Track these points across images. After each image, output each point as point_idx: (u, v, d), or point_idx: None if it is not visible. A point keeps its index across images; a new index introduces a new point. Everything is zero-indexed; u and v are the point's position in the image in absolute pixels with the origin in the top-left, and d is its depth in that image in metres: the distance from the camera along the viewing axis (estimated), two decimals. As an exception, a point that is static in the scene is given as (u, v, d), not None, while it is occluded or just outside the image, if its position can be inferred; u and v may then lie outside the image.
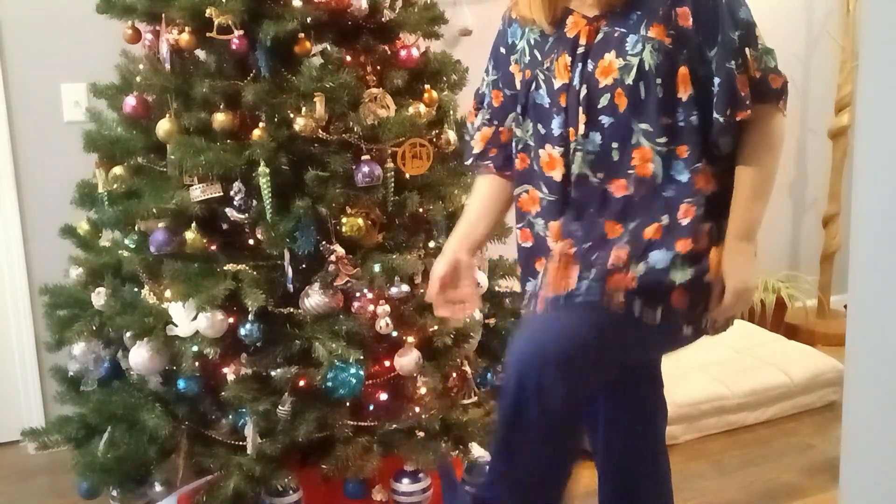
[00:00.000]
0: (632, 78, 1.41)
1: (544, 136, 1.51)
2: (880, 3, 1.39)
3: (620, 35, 1.43)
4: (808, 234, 4.09)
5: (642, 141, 1.43)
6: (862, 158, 1.49)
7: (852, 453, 1.57)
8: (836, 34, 3.80)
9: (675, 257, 1.43)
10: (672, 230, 1.43)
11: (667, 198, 1.45)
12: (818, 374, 3.04)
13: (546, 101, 1.50)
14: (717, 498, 2.48)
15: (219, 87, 1.85)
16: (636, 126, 1.43)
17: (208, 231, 1.89)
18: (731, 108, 1.43)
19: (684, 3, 1.42)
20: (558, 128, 1.49)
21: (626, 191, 1.46)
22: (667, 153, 1.44)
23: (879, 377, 1.46)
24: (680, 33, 1.41)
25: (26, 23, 2.63)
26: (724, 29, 1.41)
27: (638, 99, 1.42)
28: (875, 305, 1.46)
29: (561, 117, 1.48)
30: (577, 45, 1.46)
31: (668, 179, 1.45)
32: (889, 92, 1.39)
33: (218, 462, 1.88)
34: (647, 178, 1.45)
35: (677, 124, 1.43)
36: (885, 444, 1.45)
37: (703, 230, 1.45)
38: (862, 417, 1.52)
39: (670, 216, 1.44)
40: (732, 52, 1.42)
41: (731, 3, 1.44)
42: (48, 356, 2.30)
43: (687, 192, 1.44)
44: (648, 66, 1.40)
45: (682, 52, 1.41)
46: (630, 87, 1.42)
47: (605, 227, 1.46)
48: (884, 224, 1.42)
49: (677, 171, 1.45)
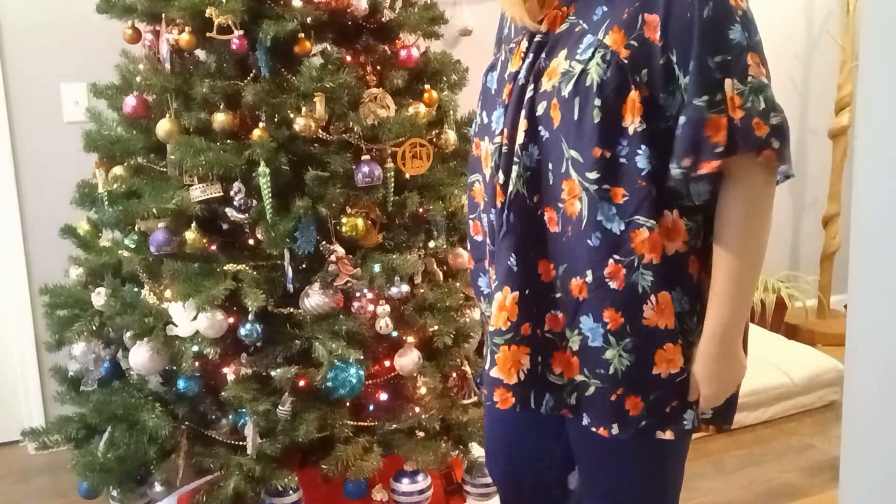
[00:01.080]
0: (567, 90, 1.13)
1: (485, 126, 1.29)
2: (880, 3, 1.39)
3: (581, 31, 1.17)
4: (808, 234, 4.09)
5: (571, 171, 1.15)
6: (862, 158, 1.49)
7: (852, 453, 1.57)
8: (836, 34, 3.80)
9: (605, 333, 1.17)
10: (598, 291, 1.16)
11: (591, 248, 1.16)
12: (818, 374, 3.04)
13: (494, 86, 1.29)
14: (717, 498, 2.48)
15: (219, 87, 1.85)
16: (566, 151, 1.15)
17: (208, 231, 1.89)
18: (694, 157, 1.10)
19: (654, 10, 1.10)
20: (497, 123, 1.25)
21: (557, 227, 1.19)
22: (596, 193, 1.13)
23: (879, 377, 1.46)
24: (643, 47, 1.10)
25: (26, 23, 2.63)
26: (701, 52, 1.08)
27: (570, 118, 1.13)
28: (875, 305, 1.46)
29: (500, 111, 1.24)
30: (537, 31, 1.21)
31: (593, 226, 1.15)
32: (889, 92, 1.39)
33: (218, 462, 1.88)
34: (573, 219, 1.16)
35: (617, 160, 1.12)
36: (885, 444, 1.45)
37: (652, 306, 1.15)
38: (862, 417, 1.52)
39: (593, 273, 1.16)
40: (708, 83, 1.08)
41: (717, 18, 1.08)
42: (48, 356, 2.29)
43: (615, 247, 1.14)
44: (590, 81, 1.11)
45: (640, 72, 1.10)
46: (564, 100, 1.14)
47: (540, 267, 1.21)
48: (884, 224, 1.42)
49: (607, 217, 1.14)
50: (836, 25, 3.83)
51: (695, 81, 1.09)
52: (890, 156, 1.40)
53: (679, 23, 1.09)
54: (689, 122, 1.10)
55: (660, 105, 1.12)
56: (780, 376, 2.99)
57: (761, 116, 1.09)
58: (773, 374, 3.00)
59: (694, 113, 1.09)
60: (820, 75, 3.95)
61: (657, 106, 1.12)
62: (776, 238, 4.05)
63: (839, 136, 3.77)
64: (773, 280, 3.77)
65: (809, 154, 4.04)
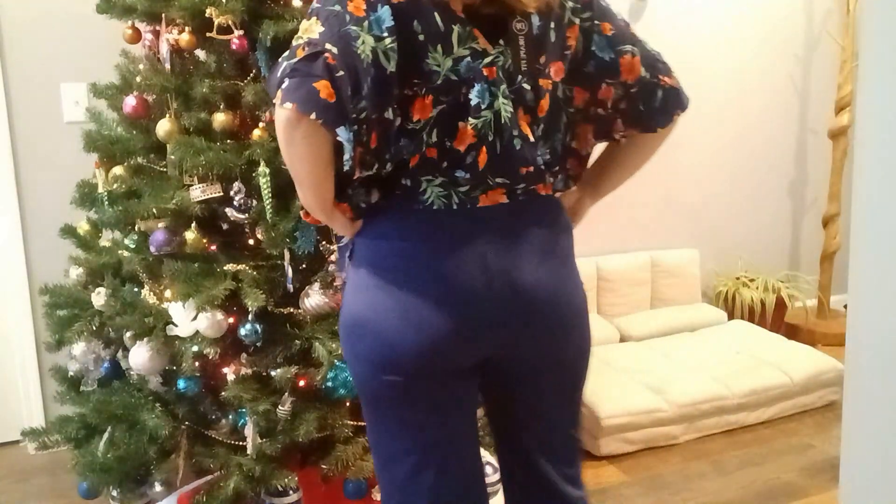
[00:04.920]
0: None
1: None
2: (880, 3, 1.39)
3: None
4: (808, 234, 4.10)
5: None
6: (862, 158, 1.49)
7: (852, 453, 1.57)
8: (836, 34, 3.80)
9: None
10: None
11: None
12: (818, 374, 3.04)
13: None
14: (717, 498, 2.48)
15: (219, 87, 1.85)
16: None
17: (208, 231, 1.89)
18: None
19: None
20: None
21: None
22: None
23: (879, 377, 1.46)
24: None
25: (26, 23, 2.63)
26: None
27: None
28: (875, 305, 1.46)
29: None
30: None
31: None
32: (889, 92, 1.40)
33: (218, 462, 1.88)
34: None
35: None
36: (885, 444, 1.46)
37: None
38: (862, 417, 1.52)
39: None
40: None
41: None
42: (48, 356, 2.30)
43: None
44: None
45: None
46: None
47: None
48: (884, 224, 1.42)
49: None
50: (836, 25, 3.83)
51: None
52: (890, 156, 1.41)
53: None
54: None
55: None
56: (780, 376, 2.99)
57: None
58: (773, 374, 3.00)
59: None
60: (820, 75, 3.95)
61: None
62: (776, 238, 4.05)
63: (839, 136, 3.77)
64: (773, 280, 3.77)
65: (809, 154, 4.04)
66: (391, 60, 1.16)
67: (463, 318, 1.24)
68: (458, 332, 1.25)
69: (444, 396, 1.32)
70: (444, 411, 1.33)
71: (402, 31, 1.17)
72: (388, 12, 1.15)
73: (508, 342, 1.30)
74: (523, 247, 1.27)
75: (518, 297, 1.26)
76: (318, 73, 1.10)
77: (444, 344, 1.25)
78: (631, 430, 2.72)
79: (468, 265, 1.24)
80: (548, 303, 1.29)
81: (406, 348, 1.25)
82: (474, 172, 1.24)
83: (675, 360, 3.13)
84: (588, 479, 2.60)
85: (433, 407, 1.32)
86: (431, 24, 1.19)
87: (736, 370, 3.01)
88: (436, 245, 1.24)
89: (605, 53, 1.30)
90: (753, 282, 3.78)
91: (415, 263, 1.25)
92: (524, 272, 1.26)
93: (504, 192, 1.27)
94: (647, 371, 3.00)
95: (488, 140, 1.23)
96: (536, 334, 1.31)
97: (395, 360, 1.26)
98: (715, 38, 3.68)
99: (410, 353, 1.25)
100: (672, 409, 2.78)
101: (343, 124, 1.13)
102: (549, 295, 1.29)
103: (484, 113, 1.22)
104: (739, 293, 3.72)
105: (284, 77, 1.12)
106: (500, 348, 1.31)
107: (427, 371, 1.27)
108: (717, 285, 3.83)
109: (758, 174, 3.94)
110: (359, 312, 1.28)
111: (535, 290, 1.28)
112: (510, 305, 1.26)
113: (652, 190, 3.68)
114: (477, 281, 1.24)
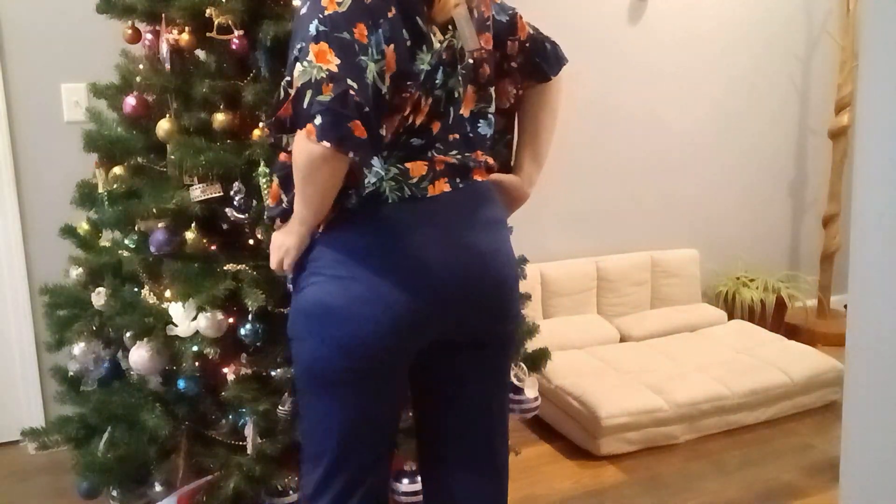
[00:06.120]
0: None
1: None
2: (880, 3, 1.39)
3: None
4: (808, 234, 4.10)
5: None
6: (862, 158, 1.49)
7: (852, 453, 1.57)
8: (836, 34, 3.80)
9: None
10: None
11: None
12: (818, 374, 3.05)
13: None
14: (717, 498, 2.49)
15: (219, 87, 1.85)
16: None
17: (208, 231, 1.89)
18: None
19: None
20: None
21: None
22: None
23: (879, 377, 1.46)
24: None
25: (26, 23, 2.63)
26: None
27: None
28: (875, 305, 1.46)
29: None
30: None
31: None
32: (889, 92, 1.40)
33: (218, 462, 1.88)
34: None
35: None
36: (885, 444, 1.46)
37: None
38: (862, 417, 1.52)
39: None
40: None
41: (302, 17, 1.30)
42: (48, 356, 2.29)
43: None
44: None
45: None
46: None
47: None
48: (884, 224, 1.42)
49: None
50: (836, 25, 3.84)
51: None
52: (890, 156, 1.41)
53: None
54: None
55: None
56: (780, 376, 2.99)
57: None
58: (773, 374, 3.00)
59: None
60: (820, 75, 3.95)
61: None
62: (776, 238, 4.05)
63: (839, 136, 3.77)
64: (773, 280, 3.77)
65: (809, 154, 4.04)
66: (385, 81, 1.28)
67: (428, 295, 1.38)
68: (425, 309, 1.38)
69: (393, 379, 1.47)
70: (387, 393, 1.48)
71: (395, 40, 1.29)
72: (386, 28, 1.27)
73: (468, 315, 1.44)
74: (470, 222, 1.44)
75: (477, 262, 1.42)
76: (351, 113, 1.23)
77: (411, 323, 1.38)
78: (631, 430, 2.72)
79: (429, 247, 1.38)
80: (498, 260, 1.46)
81: (376, 332, 1.36)
82: (429, 138, 1.40)
83: (675, 360, 3.13)
84: (588, 479, 2.61)
85: (379, 389, 1.45)
86: (416, 28, 1.33)
87: (736, 370, 3.01)
88: (395, 233, 1.37)
89: (502, 16, 1.54)
90: (753, 282, 3.78)
91: (379, 252, 1.37)
92: (478, 241, 1.43)
93: (446, 180, 1.41)
94: (647, 371, 3.00)
95: (439, 111, 1.40)
96: (492, 301, 1.47)
97: (364, 345, 1.37)
98: (715, 38, 3.67)
99: (381, 336, 1.36)
100: (672, 409, 2.78)
101: (376, 155, 1.33)
102: (501, 253, 1.48)
103: (437, 92, 1.38)
104: (739, 293, 3.72)
105: (316, 114, 1.22)
106: (458, 322, 1.44)
107: (390, 353, 1.40)
108: (717, 285, 3.83)
109: (758, 174, 3.94)
110: (329, 300, 1.38)
111: (488, 254, 1.45)
112: (470, 272, 1.41)
113: (652, 190, 3.69)
114: (438, 259, 1.38)
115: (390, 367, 1.44)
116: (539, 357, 2.22)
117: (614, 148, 3.57)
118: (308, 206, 1.36)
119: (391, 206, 1.38)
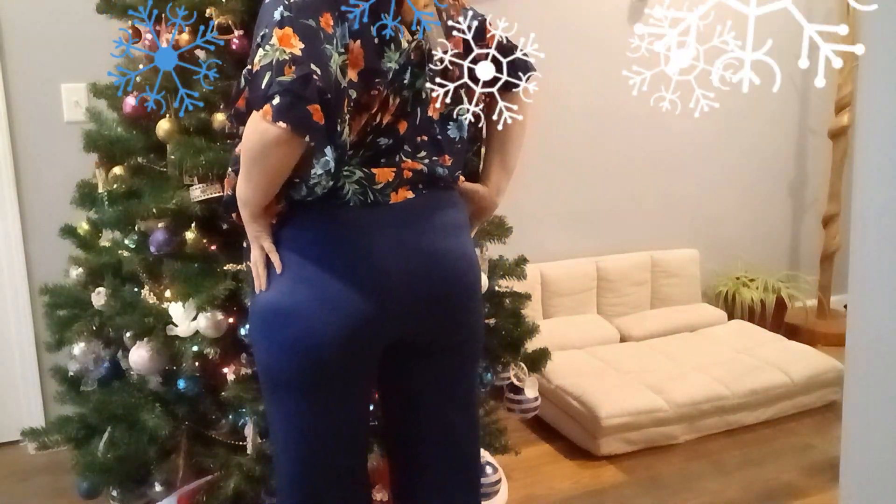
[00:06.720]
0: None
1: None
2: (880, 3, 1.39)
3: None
4: (808, 234, 4.10)
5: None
6: (862, 158, 1.49)
7: (852, 453, 1.57)
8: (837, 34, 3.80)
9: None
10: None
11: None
12: (818, 374, 3.04)
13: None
14: (717, 498, 2.49)
15: (219, 87, 1.85)
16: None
17: (208, 231, 1.89)
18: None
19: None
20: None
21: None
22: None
23: (879, 377, 1.46)
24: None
25: (26, 23, 2.63)
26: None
27: None
28: (875, 305, 1.46)
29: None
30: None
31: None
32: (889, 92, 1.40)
33: (218, 462, 1.88)
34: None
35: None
36: (885, 444, 1.45)
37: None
38: (862, 417, 1.52)
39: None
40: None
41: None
42: (48, 356, 2.29)
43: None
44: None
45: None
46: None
47: None
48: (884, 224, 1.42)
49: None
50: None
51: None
52: (890, 156, 1.41)
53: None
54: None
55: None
56: (780, 376, 2.99)
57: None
58: (773, 374, 3.00)
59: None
60: (820, 75, 3.95)
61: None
62: (776, 238, 4.05)
63: (839, 136, 3.77)
64: (773, 280, 3.77)
65: (809, 154, 4.04)
66: (345, 75, 1.26)
67: (383, 298, 1.37)
68: (379, 313, 1.37)
69: (354, 383, 1.44)
70: (350, 397, 1.44)
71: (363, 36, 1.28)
72: (352, 22, 1.25)
73: (424, 318, 1.43)
74: (427, 226, 1.42)
75: (434, 265, 1.41)
76: (312, 96, 1.19)
77: (365, 326, 1.36)
78: (631, 430, 2.72)
79: (386, 250, 1.37)
80: (452, 264, 1.45)
81: (329, 334, 1.33)
82: (396, 138, 1.38)
83: (675, 360, 3.13)
84: (588, 479, 2.61)
85: (341, 393, 1.42)
86: (385, 26, 1.30)
87: (736, 370, 3.01)
88: (355, 236, 1.36)
89: (471, 21, 1.48)
90: (753, 282, 3.78)
91: (335, 254, 1.36)
92: (436, 244, 1.42)
93: (409, 188, 1.41)
94: (647, 371, 3.00)
95: (406, 111, 1.39)
96: (450, 304, 1.46)
97: (317, 347, 1.35)
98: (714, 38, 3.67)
99: (333, 338, 1.35)
100: (672, 409, 2.78)
101: (330, 144, 1.25)
102: (459, 256, 1.46)
103: (405, 92, 1.37)
104: (739, 293, 3.72)
105: (275, 94, 1.18)
106: (415, 325, 1.43)
107: (346, 356, 1.37)
108: (717, 285, 3.83)
109: (758, 174, 3.94)
110: (281, 303, 1.37)
111: (446, 256, 1.43)
112: (427, 275, 1.40)
113: (652, 190, 3.69)
114: (395, 262, 1.37)
115: (347, 372, 1.40)
116: (539, 357, 2.22)
117: (614, 148, 3.57)
118: (254, 189, 1.32)
119: (351, 210, 1.36)
